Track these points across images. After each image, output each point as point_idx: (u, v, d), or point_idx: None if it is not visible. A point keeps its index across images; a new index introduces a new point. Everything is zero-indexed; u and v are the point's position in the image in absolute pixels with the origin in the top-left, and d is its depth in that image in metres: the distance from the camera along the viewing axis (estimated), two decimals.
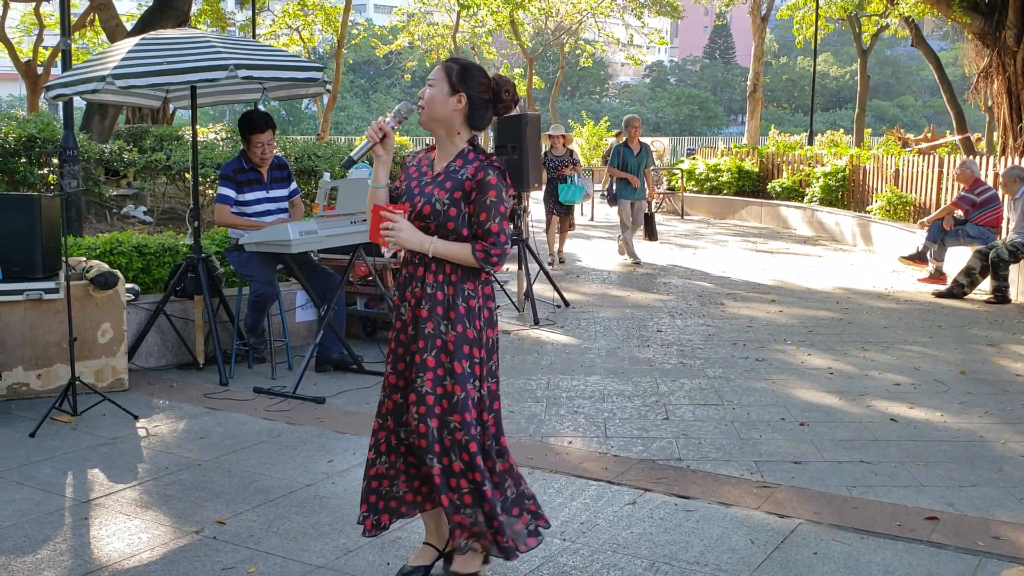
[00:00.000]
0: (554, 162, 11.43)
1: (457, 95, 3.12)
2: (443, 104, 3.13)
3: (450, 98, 3.12)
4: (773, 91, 64.06)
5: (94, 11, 18.33)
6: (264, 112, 6.49)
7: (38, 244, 5.62)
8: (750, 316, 8.31)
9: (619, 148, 11.51)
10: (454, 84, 3.12)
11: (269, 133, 6.41)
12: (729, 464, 4.57)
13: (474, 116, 3.15)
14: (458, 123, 3.16)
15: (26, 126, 7.95)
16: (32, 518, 3.93)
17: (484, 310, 3.22)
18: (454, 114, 3.14)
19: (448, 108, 3.13)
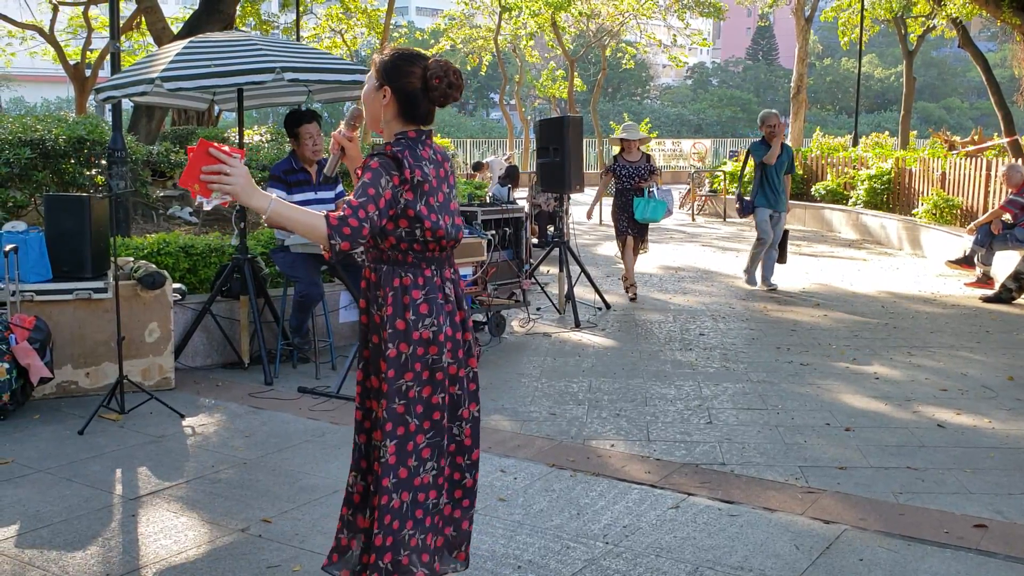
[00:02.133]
0: (627, 170, 9.34)
1: (383, 89, 2.89)
2: (372, 101, 2.93)
3: (376, 93, 2.90)
4: (817, 93, 63.38)
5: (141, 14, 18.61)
6: (307, 108, 6.55)
7: (87, 244, 5.73)
8: (794, 320, 8.23)
9: (758, 146, 9.71)
10: (380, 78, 2.90)
11: (315, 125, 6.46)
12: (773, 469, 4.53)
13: (406, 109, 2.89)
14: (390, 118, 2.91)
15: (75, 128, 8.10)
16: (81, 514, 4.00)
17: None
18: (384, 110, 2.90)
19: (377, 104, 2.91)
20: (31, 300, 5.60)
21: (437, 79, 2.87)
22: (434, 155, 2.94)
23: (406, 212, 2.83)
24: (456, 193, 3.09)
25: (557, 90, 36.26)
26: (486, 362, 6.77)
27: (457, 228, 2.97)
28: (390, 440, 2.86)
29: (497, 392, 5.98)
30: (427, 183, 2.85)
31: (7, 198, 7.65)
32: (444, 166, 2.98)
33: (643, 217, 9.14)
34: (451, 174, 3.02)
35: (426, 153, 2.90)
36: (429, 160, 2.90)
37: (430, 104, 2.91)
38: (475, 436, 3.04)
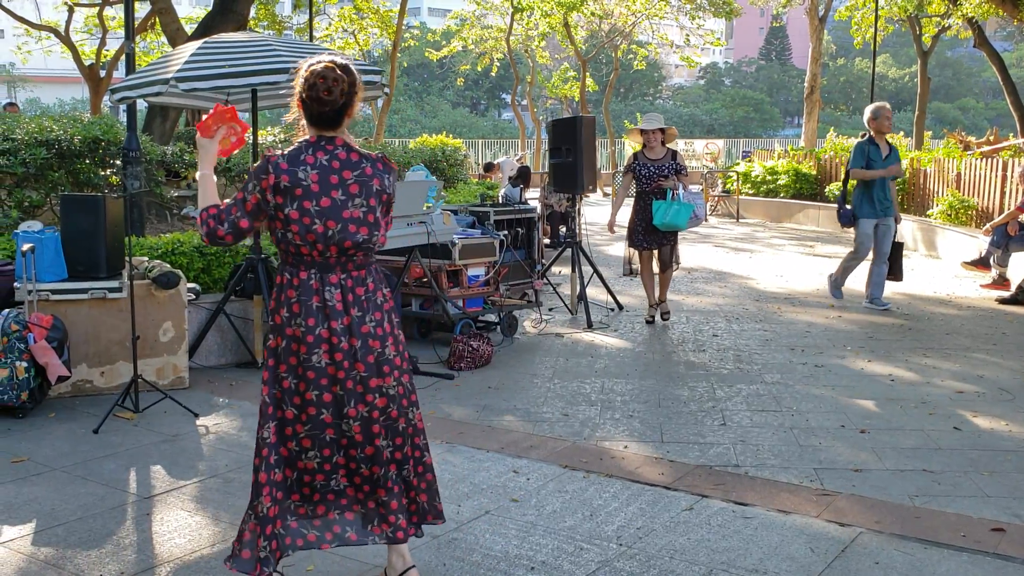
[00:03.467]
0: (648, 169, 7.97)
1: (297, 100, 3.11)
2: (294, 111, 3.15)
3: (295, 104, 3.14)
4: (830, 93, 63.15)
5: (155, 15, 18.69)
6: None
7: (102, 244, 5.75)
8: (808, 321, 8.19)
9: (863, 146, 8.61)
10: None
11: None
12: (788, 471, 4.51)
13: (307, 117, 3.08)
14: (304, 126, 3.13)
15: (91, 128, 8.13)
16: (96, 512, 4.01)
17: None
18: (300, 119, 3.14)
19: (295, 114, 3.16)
20: (47, 299, 5.63)
21: (310, 88, 3.02)
22: (329, 161, 3.05)
23: (277, 214, 3.03)
24: (368, 203, 3.09)
25: (569, 90, 36.23)
26: (498, 363, 6.77)
27: (345, 235, 3.05)
28: (270, 421, 3.15)
29: (509, 393, 5.97)
30: (299, 187, 2.99)
31: (23, 198, 7.69)
32: (345, 174, 3.06)
33: (662, 223, 7.78)
34: (363, 183, 3.08)
35: (311, 159, 3.03)
36: (315, 165, 3.02)
37: (311, 110, 3.05)
38: (366, 433, 3.16)
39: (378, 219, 3.14)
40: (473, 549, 3.64)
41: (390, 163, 3.23)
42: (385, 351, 3.17)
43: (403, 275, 6.55)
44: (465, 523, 3.89)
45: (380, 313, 3.18)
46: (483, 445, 4.90)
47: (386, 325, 3.20)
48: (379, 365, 3.16)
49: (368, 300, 3.15)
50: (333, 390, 3.12)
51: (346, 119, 3.12)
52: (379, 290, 3.21)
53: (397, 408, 3.20)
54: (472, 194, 11.15)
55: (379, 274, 3.26)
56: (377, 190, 3.13)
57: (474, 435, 5.09)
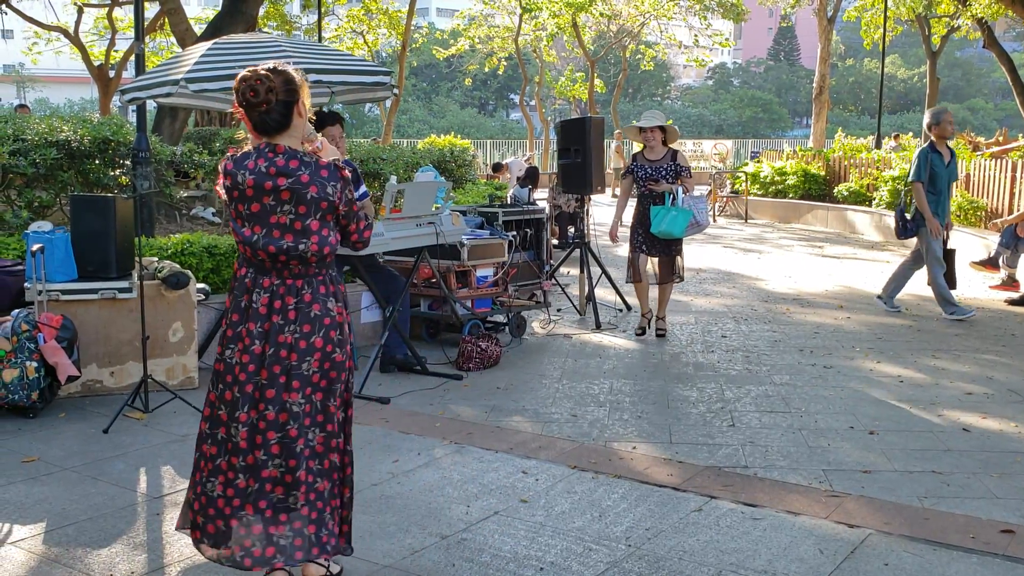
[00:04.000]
0: (646, 171, 7.45)
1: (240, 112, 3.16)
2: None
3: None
4: (839, 93, 63.02)
5: (165, 15, 18.75)
6: (330, 111, 6.56)
7: (112, 244, 5.77)
8: (817, 322, 8.18)
9: (925, 155, 8.08)
10: None
11: (339, 127, 6.45)
12: (797, 472, 4.50)
13: (253, 127, 3.11)
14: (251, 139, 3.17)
15: (100, 129, 8.16)
16: (106, 512, 4.03)
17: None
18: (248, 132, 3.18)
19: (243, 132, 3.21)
20: (57, 299, 5.65)
21: (237, 98, 3.07)
22: (267, 167, 3.07)
23: (231, 212, 3.18)
24: (297, 210, 3.08)
25: (577, 91, 36.22)
26: (507, 363, 6.77)
27: (269, 241, 3.07)
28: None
29: (518, 393, 5.97)
30: (236, 190, 3.09)
31: (33, 198, 7.71)
32: (279, 180, 3.06)
33: (659, 230, 7.26)
34: (295, 190, 3.06)
35: (252, 164, 3.08)
36: (253, 170, 3.07)
37: (251, 118, 3.07)
38: (250, 442, 3.11)
39: (308, 227, 3.08)
40: (482, 549, 3.65)
41: (339, 170, 3.15)
42: (302, 366, 3.11)
43: (412, 275, 6.56)
44: (474, 524, 3.89)
45: (310, 326, 3.12)
46: (492, 446, 4.91)
47: (316, 340, 3.12)
48: (289, 378, 3.10)
49: (298, 310, 3.11)
50: (233, 390, 3.13)
51: (295, 121, 3.09)
52: (317, 303, 3.14)
53: (297, 427, 3.11)
54: (480, 195, 11.15)
55: (328, 287, 3.19)
56: (312, 197, 3.07)
57: (483, 436, 5.09)
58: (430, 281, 7.26)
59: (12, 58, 51.05)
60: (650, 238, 7.46)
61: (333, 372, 3.18)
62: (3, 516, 3.99)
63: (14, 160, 7.44)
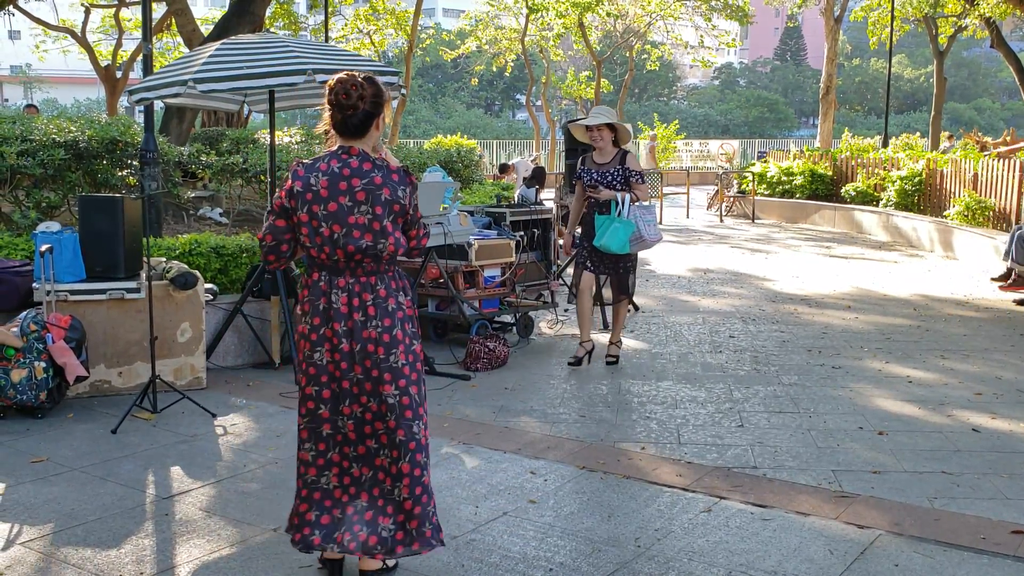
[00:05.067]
0: (591, 175, 6.52)
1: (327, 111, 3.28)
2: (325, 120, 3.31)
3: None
4: (846, 93, 62.88)
5: (172, 15, 18.78)
6: None
7: (120, 245, 5.78)
8: (825, 323, 8.16)
9: None
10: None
11: None
12: (806, 473, 4.49)
13: (333, 126, 3.25)
14: (333, 134, 3.30)
15: (108, 129, 8.17)
16: (115, 513, 4.03)
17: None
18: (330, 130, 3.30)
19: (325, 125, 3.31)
20: (65, 300, 5.66)
21: (331, 96, 3.21)
22: (341, 168, 3.19)
23: (291, 218, 3.26)
24: (374, 210, 3.19)
25: (583, 91, 36.19)
26: (514, 363, 6.76)
27: (349, 240, 3.19)
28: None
29: (526, 394, 5.97)
30: (309, 192, 3.19)
31: (41, 198, 7.73)
32: (354, 181, 3.19)
33: (599, 243, 6.37)
34: (370, 191, 3.19)
35: (325, 166, 3.20)
36: (326, 172, 3.19)
37: (339, 115, 3.22)
38: (359, 433, 3.27)
39: (385, 227, 3.20)
40: (491, 550, 3.64)
41: (408, 176, 3.30)
42: (389, 358, 3.24)
43: (419, 276, 6.56)
44: (483, 524, 3.89)
45: (390, 320, 3.25)
46: (500, 446, 4.90)
47: (397, 333, 3.26)
48: (380, 371, 3.23)
49: (376, 306, 3.24)
50: (332, 387, 3.27)
51: (372, 131, 3.27)
52: (392, 298, 3.28)
53: (396, 418, 3.23)
54: (487, 195, 11.14)
55: (398, 282, 3.33)
56: (386, 199, 3.21)
57: (491, 436, 5.09)
58: (438, 281, 7.26)
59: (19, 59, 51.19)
60: (595, 253, 6.51)
61: (419, 364, 3.34)
62: (13, 516, 3.99)
63: (22, 160, 7.45)
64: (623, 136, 6.58)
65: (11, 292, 5.88)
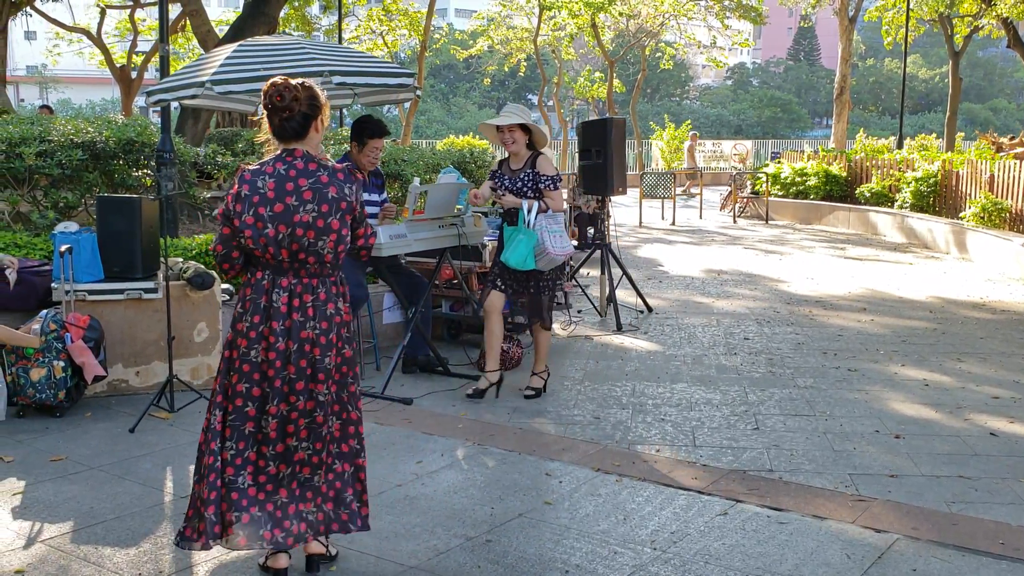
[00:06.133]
0: (503, 181, 5.90)
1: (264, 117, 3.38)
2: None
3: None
4: (859, 94, 62.64)
5: (186, 17, 18.86)
6: (379, 119, 6.52)
7: (138, 245, 5.81)
8: (840, 325, 8.13)
9: None
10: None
11: (382, 140, 6.41)
12: (822, 476, 4.48)
13: (272, 130, 3.35)
14: (273, 140, 3.39)
15: (125, 130, 8.20)
16: (133, 512, 4.06)
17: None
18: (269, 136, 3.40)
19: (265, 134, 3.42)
20: (84, 300, 5.69)
21: (263, 102, 3.30)
22: (287, 170, 3.29)
23: (234, 221, 3.31)
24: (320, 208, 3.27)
25: (596, 91, 36.16)
26: (528, 365, 6.75)
27: (294, 238, 3.26)
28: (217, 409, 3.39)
29: (540, 395, 5.96)
30: (256, 195, 3.27)
31: (59, 199, 7.78)
32: (300, 181, 3.28)
33: (508, 259, 5.70)
34: (316, 189, 3.28)
35: (271, 169, 3.29)
36: (272, 174, 3.28)
37: (276, 121, 3.30)
38: (280, 431, 3.35)
39: (330, 224, 3.29)
40: (507, 552, 3.65)
41: (352, 174, 3.41)
42: (324, 359, 3.35)
43: (434, 277, 6.57)
44: (499, 525, 3.90)
45: (327, 323, 3.36)
46: (515, 447, 4.91)
47: (332, 336, 3.37)
48: (314, 371, 3.34)
49: (315, 308, 3.34)
50: (263, 386, 3.34)
51: (312, 133, 3.35)
52: (331, 303, 3.38)
53: (323, 414, 3.37)
54: None
55: (339, 288, 3.44)
56: (333, 197, 3.30)
57: (505, 437, 5.09)
58: (451, 282, 7.27)
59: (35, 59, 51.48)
60: (506, 270, 5.83)
61: (345, 366, 3.44)
62: (33, 514, 4.02)
63: (40, 161, 7.50)
64: (538, 138, 5.91)
65: (30, 292, 5.92)
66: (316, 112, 3.31)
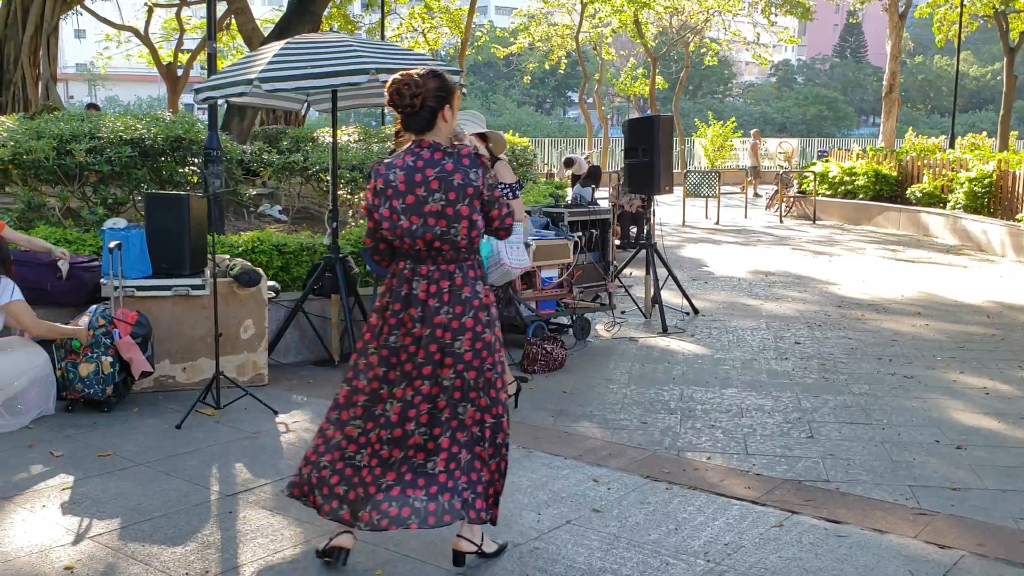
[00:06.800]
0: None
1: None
2: None
3: None
4: (908, 91, 61.58)
5: (231, 15, 18.99)
6: None
7: (186, 242, 5.81)
8: (894, 329, 7.93)
9: None
10: None
11: None
12: (881, 488, 4.34)
13: (402, 123, 3.43)
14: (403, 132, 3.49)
15: (173, 127, 8.25)
16: (180, 509, 4.04)
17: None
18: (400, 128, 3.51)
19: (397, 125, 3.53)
20: (132, 296, 5.71)
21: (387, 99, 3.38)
22: (415, 161, 3.34)
23: (373, 214, 3.40)
24: (447, 196, 3.32)
25: (638, 88, 35.91)
26: (572, 366, 6.68)
27: (426, 228, 3.32)
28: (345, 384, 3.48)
29: (584, 398, 5.88)
30: (389, 188, 3.35)
31: (108, 195, 7.83)
32: (427, 172, 3.33)
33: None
34: (442, 178, 3.32)
35: (400, 162, 3.35)
36: (403, 167, 3.34)
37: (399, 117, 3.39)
38: (402, 416, 3.38)
39: (459, 212, 3.32)
40: (555, 560, 3.57)
41: (479, 158, 3.39)
42: (454, 344, 3.35)
43: None
44: (546, 532, 3.82)
45: (461, 307, 3.36)
46: (561, 451, 4.82)
47: (467, 320, 3.36)
48: (443, 355, 3.35)
49: (451, 293, 3.36)
50: (396, 369, 3.39)
51: (439, 123, 3.38)
52: (467, 286, 3.39)
53: (447, 399, 3.36)
54: (541, 194, 11.05)
55: (476, 271, 3.44)
56: (459, 184, 3.32)
57: (551, 441, 5.01)
58: None
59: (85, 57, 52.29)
60: None
61: (484, 352, 3.40)
62: (82, 510, 4.02)
63: (90, 157, 7.55)
64: (497, 146, 5.67)
65: (80, 287, 5.95)
66: (442, 103, 3.34)
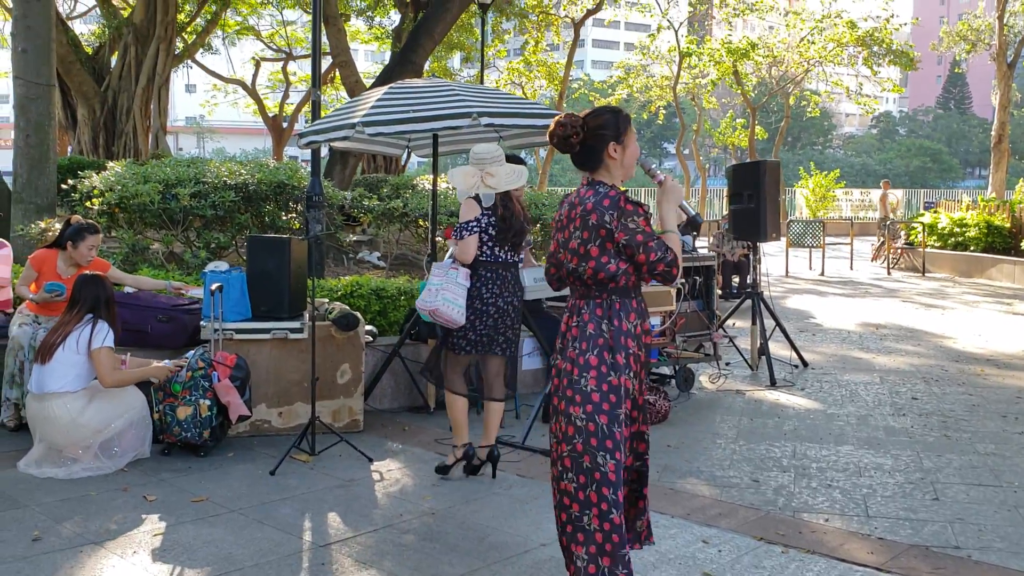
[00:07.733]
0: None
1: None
2: None
3: None
4: (1016, 143, 59.40)
5: (336, 68, 19.49)
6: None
7: (286, 285, 5.79)
8: (1018, 386, 7.42)
9: None
10: None
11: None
12: (1019, 557, 3.96)
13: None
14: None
15: (276, 173, 8.38)
16: (272, 559, 3.93)
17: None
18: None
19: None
20: (231, 338, 5.70)
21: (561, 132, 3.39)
22: (575, 198, 3.42)
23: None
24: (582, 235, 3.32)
25: (736, 138, 35.52)
26: (676, 419, 6.41)
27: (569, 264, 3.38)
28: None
29: (691, 453, 5.61)
30: (556, 222, 3.51)
31: (211, 239, 7.96)
32: (576, 210, 3.37)
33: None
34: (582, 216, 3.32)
35: (571, 196, 3.45)
36: (568, 202, 3.44)
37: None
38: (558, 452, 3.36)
39: (589, 251, 3.29)
40: None
41: (620, 200, 3.27)
42: (580, 380, 3.27)
43: None
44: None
45: (586, 344, 3.30)
46: (667, 509, 4.57)
47: (591, 358, 3.28)
48: (573, 392, 3.28)
49: (579, 328, 3.34)
50: (552, 402, 3.40)
51: (605, 159, 3.36)
52: (592, 323, 3.31)
53: (583, 443, 3.24)
54: None
55: (604, 310, 3.32)
56: (593, 224, 3.29)
57: (656, 497, 4.74)
58: None
59: (194, 111, 54.63)
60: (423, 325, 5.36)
61: (613, 396, 3.25)
62: (173, 557, 3.95)
63: (195, 202, 7.69)
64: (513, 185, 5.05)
65: (179, 330, 6.00)
66: (602, 142, 3.33)
